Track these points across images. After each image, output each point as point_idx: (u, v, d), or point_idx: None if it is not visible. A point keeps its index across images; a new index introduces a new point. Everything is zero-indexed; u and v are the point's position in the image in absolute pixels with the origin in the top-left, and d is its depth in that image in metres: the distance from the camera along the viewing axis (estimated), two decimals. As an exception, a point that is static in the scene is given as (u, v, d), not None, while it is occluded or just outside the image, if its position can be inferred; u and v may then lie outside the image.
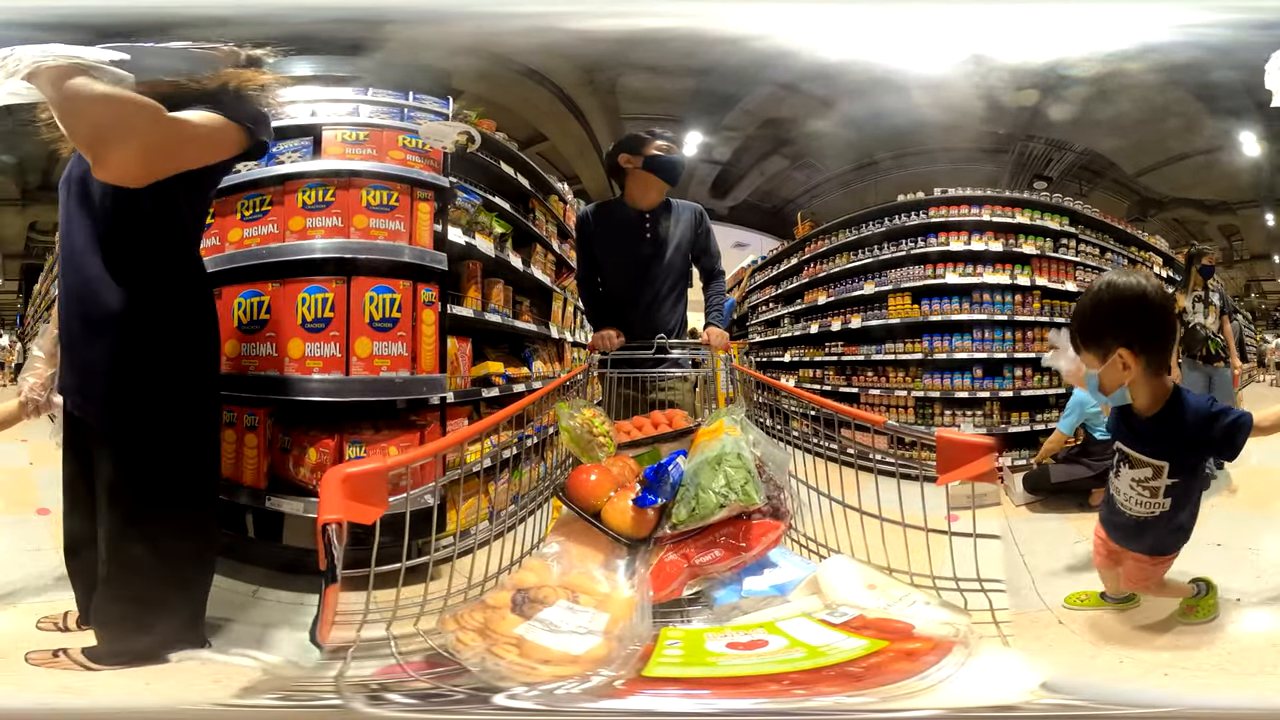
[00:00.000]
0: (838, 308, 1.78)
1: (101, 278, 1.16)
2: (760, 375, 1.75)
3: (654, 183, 1.44)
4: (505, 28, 1.41)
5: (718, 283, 1.60)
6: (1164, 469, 1.15)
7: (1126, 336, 1.10)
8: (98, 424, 1.18)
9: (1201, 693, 1.08)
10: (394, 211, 1.44)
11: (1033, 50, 1.37)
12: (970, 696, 0.97)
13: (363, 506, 1.02)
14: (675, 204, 1.45)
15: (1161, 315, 1.11)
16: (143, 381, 1.17)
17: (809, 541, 1.36)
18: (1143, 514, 1.18)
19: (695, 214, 1.48)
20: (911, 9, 1.38)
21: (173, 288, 1.20)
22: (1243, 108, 1.32)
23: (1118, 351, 1.09)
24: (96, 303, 1.16)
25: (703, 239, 1.50)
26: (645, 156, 1.40)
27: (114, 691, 1.09)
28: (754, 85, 1.46)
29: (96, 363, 1.17)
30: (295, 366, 1.39)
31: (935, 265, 1.65)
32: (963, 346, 1.66)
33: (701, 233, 1.50)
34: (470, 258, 1.56)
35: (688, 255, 1.52)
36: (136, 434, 1.16)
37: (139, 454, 1.16)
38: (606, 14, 1.41)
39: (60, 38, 1.05)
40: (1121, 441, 1.20)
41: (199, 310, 1.24)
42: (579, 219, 1.53)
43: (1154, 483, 1.15)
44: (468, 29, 1.41)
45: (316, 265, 1.41)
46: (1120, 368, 1.10)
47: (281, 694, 1.07)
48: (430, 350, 1.46)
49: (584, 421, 1.40)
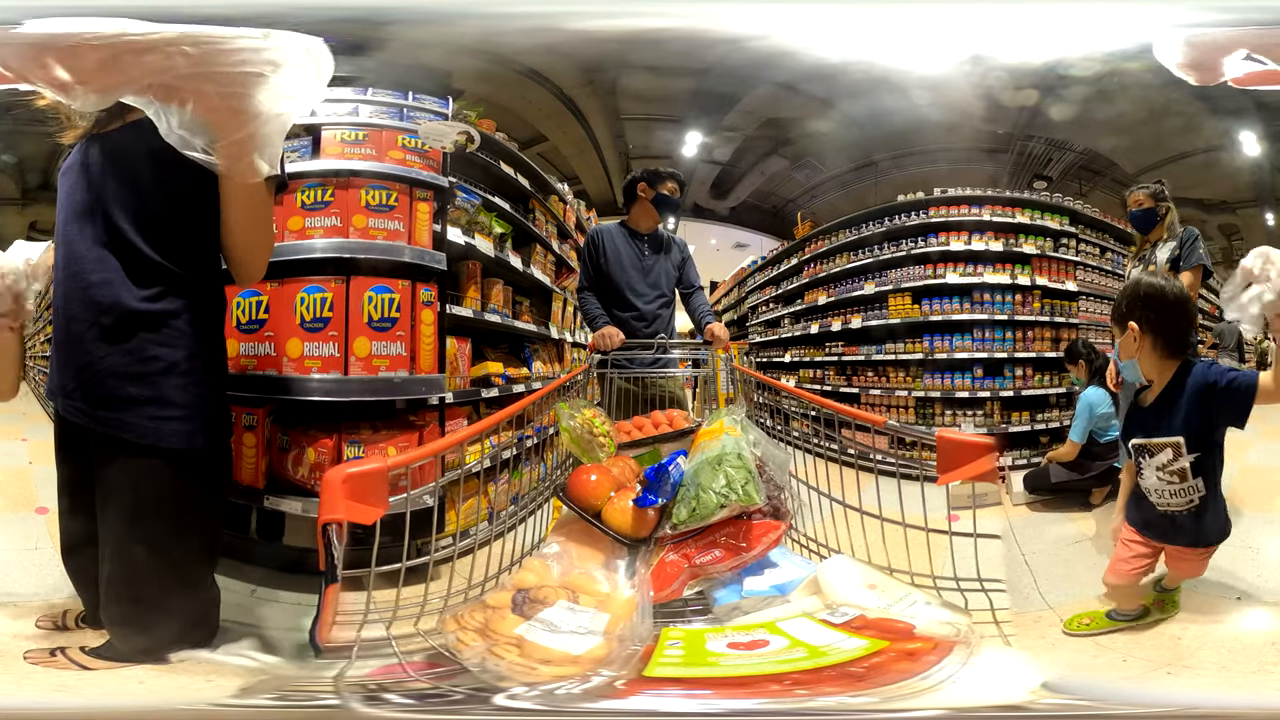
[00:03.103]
0: (838, 308, 1.78)
1: (114, 276, 1.09)
2: (760, 375, 1.75)
3: (655, 214, 1.69)
4: (506, 28, 1.41)
5: (700, 294, 1.79)
6: (1180, 445, 1.19)
7: (1138, 316, 1.24)
8: (103, 428, 1.10)
9: (1202, 692, 1.08)
10: (393, 211, 1.44)
11: (1033, 50, 1.37)
12: (972, 696, 0.96)
13: (363, 507, 1.02)
14: (664, 232, 1.74)
15: (1167, 305, 1.24)
16: (159, 385, 1.10)
17: (809, 541, 1.36)
18: (1180, 505, 1.20)
19: (680, 243, 1.76)
20: (911, 9, 1.38)
21: (196, 284, 1.14)
22: (1243, 108, 1.33)
23: (1129, 325, 1.25)
24: (108, 301, 1.09)
25: (687, 264, 1.77)
26: (656, 192, 1.64)
27: (112, 691, 1.08)
28: (754, 85, 1.47)
29: (105, 365, 1.09)
30: (294, 366, 1.39)
31: (935, 265, 1.65)
32: (963, 346, 1.65)
33: (685, 259, 1.76)
34: (470, 258, 1.56)
35: (674, 275, 1.76)
36: (147, 441, 1.09)
37: (150, 464, 1.10)
38: (606, 14, 1.41)
39: (68, 60, 1.03)
40: (1137, 437, 1.24)
41: (216, 309, 1.19)
42: (590, 236, 1.73)
43: (1177, 464, 1.19)
44: (468, 29, 1.41)
45: (315, 265, 1.41)
46: (1132, 339, 1.25)
47: (280, 694, 1.06)
48: (429, 350, 1.46)
49: (584, 422, 1.40)
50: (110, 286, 1.10)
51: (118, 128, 1.13)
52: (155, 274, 1.11)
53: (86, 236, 1.10)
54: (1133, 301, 1.25)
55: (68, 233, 1.12)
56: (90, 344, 1.11)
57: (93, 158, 1.11)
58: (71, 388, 1.12)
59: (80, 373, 1.12)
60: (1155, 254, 1.48)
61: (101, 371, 1.10)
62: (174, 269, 1.12)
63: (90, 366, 1.11)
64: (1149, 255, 1.50)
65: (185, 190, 1.11)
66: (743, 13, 1.40)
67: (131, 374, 1.10)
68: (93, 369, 1.11)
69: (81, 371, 1.12)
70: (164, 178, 1.10)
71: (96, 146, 1.12)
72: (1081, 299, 1.65)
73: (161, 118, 1.02)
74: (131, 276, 1.10)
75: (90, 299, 1.10)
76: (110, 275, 1.10)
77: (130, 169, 1.10)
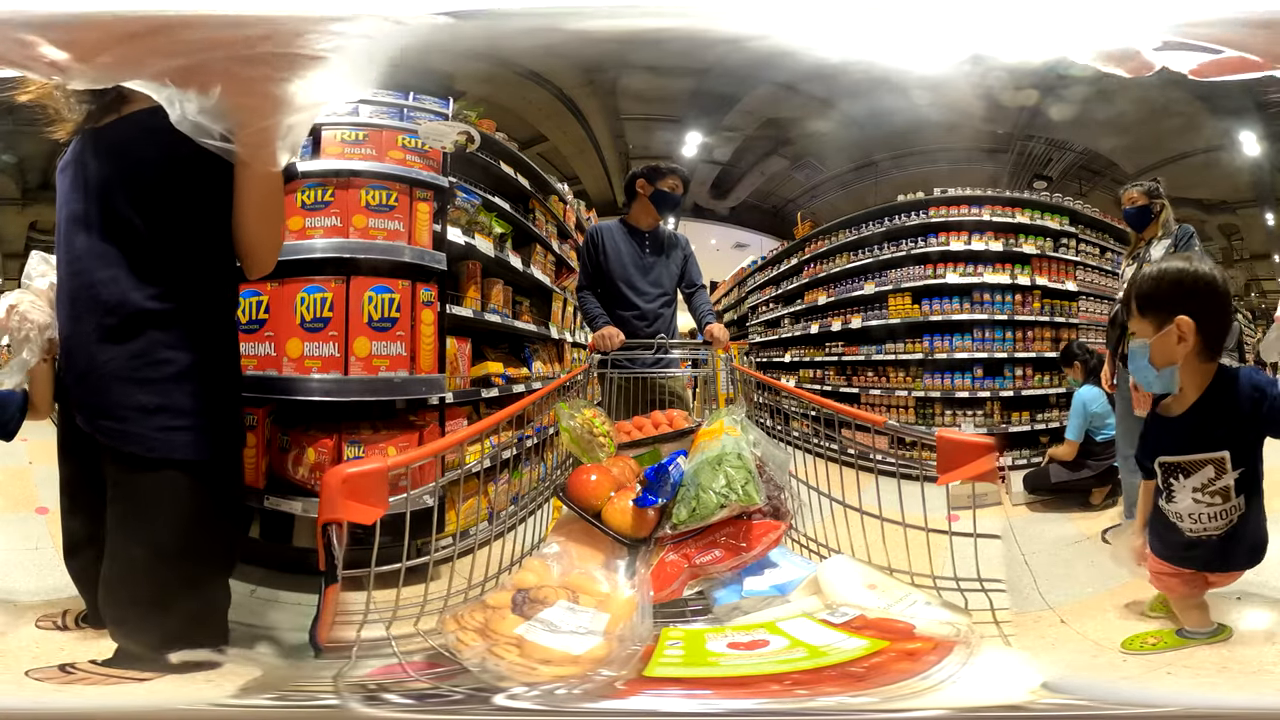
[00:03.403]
0: (838, 308, 1.78)
1: (119, 273, 1.04)
2: (760, 375, 1.75)
3: (654, 211, 1.65)
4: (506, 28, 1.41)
5: (702, 293, 1.75)
6: (1225, 460, 1.03)
7: (1190, 309, 1.04)
8: (108, 440, 1.05)
9: (1202, 692, 1.07)
10: (393, 211, 1.44)
11: (1033, 50, 1.37)
12: (973, 696, 0.96)
13: (363, 507, 1.02)
14: (665, 230, 1.69)
15: (1219, 299, 1.06)
16: (169, 392, 1.05)
17: (809, 541, 1.36)
18: (1220, 527, 1.05)
19: (682, 241, 1.70)
20: (911, 9, 1.38)
21: (206, 282, 1.10)
22: (1243, 107, 1.32)
23: (1178, 320, 1.03)
24: (114, 300, 1.04)
25: (689, 261, 1.72)
26: (655, 189, 1.61)
27: (112, 691, 1.08)
28: (754, 85, 1.47)
29: (110, 369, 1.04)
30: (294, 366, 1.39)
31: (935, 265, 1.65)
32: (963, 346, 1.65)
33: (688, 256, 1.71)
34: (470, 258, 1.56)
35: (675, 273, 1.72)
36: (157, 455, 1.05)
37: (160, 477, 1.05)
38: (607, 14, 1.41)
39: (66, 38, 1.02)
40: (1165, 454, 1.08)
41: (228, 308, 1.15)
42: (589, 234, 1.69)
43: (1221, 482, 1.04)
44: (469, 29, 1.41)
45: (316, 265, 1.40)
46: (1174, 339, 1.04)
47: (280, 694, 1.06)
48: (429, 350, 1.45)
49: (584, 422, 1.40)
50: (116, 284, 1.05)
51: (111, 121, 1.09)
52: (163, 270, 1.07)
53: (88, 234, 1.06)
54: (1180, 291, 1.03)
55: (69, 231, 1.09)
56: (94, 346, 1.06)
57: (90, 153, 1.08)
58: (76, 393, 1.08)
59: (84, 378, 1.07)
60: (1150, 251, 1.44)
61: (106, 376, 1.05)
62: (182, 265, 1.08)
63: (95, 370, 1.06)
64: (1144, 253, 1.45)
65: (193, 182, 1.07)
66: (743, 13, 1.40)
67: (139, 379, 1.05)
68: (98, 373, 1.06)
69: (86, 377, 1.07)
70: (168, 170, 1.06)
71: (93, 141, 1.09)
72: (1081, 299, 1.64)
73: (175, 103, 0.97)
74: (137, 273, 1.06)
75: (95, 297, 1.05)
76: (116, 272, 1.05)
77: (131, 163, 1.07)
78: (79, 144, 1.11)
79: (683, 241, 1.71)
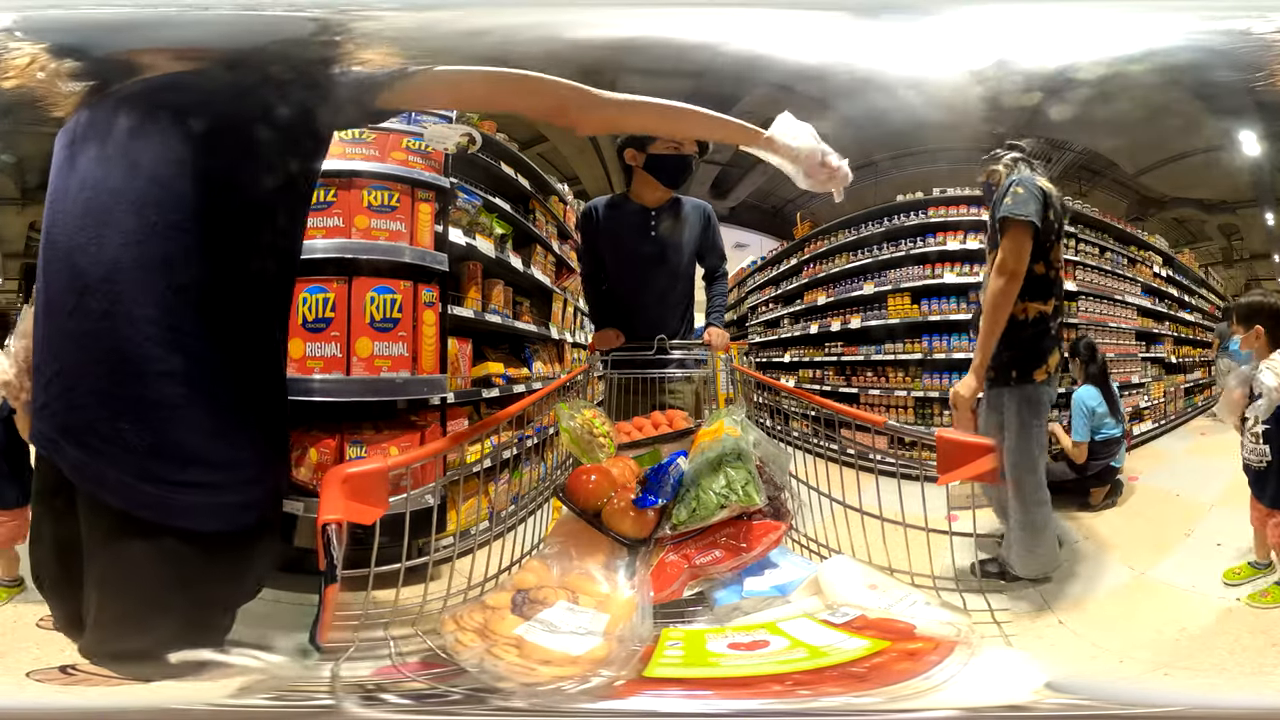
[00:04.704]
0: (837, 308, 1.78)
1: (140, 277, 0.84)
2: (760, 375, 1.75)
3: (653, 180, 1.40)
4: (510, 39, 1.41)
5: (720, 283, 1.57)
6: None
7: (1262, 321, 1.36)
8: (90, 487, 0.81)
9: (1202, 692, 1.07)
10: (395, 212, 1.44)
11: (1034, 51, 1.37)
12: (976, 696, 0.96)
13: (363, 507, 1.02)
14: (684, 201, 1.39)
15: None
16: (179, 429, 0.83)
17: (810, 542, 1.36)
18: (1254, 462, 1.31)
19: (703, 212, 1.44)
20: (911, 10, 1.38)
21: (239, 283, 0.95)
22: (1243, 107, 1.32)
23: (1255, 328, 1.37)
24: (127, 318, 0.82)
25: (710, 238, 1.47)
26: (648, 155, 1.35)
27: (112, 691, 1.08)
28: (753, 86, 1.47)
29: (127, 404, 0.80)
30: (296, 367, 1.39)
31: (934, 265, 1.65)
32: (962, 346, 1.65)
33: (709, 232, 1.47)
34: (471, 258, 1.56)
35: (693, 256, 1.48)
36: (171, 524, 0.87)
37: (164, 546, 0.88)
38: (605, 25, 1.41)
39: (77, 40, 1.02)
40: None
41: (272, 315, 1.01)
42: (583, 213, 1.47)
43: (1255, 428, 1.32)
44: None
45: (317, 265, 1.41)
46: (1255, 337, 1.36)
47: (279, 694, 1.06)
48: (431, 351, 1.46)
49: (584, 422, 1.40)
50: (139, 290, 0.86)
51: (97, 103, 0.98)
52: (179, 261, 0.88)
53: (103, 230, 0.93)
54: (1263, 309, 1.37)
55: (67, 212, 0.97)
56: (98, 376, 0.82)
57: (90, 150, 1.01)
58: (50, 427, 0.81)
59: (62, 397, 0.81)
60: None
61: (92, 404, 0.81)
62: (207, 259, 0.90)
63: (98, 404, 0.81)
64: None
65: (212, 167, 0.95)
66: (742, 15, 1.40)
67: (138, 412, 0.82)
68: (101, 409, 0.81)
69: (83, 415, 0.80)
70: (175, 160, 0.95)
71: (91, 137, 1.00)
72: (1081, 299, 1.64)
73: None
74: (141, 270, 0.89)
75: (104, 311, 0.85)
76: (134, 274, 0.86)
77: (132, 156, 0.99)
78: (73, 141, 1.03)
79: (701, 216, 1.44)
